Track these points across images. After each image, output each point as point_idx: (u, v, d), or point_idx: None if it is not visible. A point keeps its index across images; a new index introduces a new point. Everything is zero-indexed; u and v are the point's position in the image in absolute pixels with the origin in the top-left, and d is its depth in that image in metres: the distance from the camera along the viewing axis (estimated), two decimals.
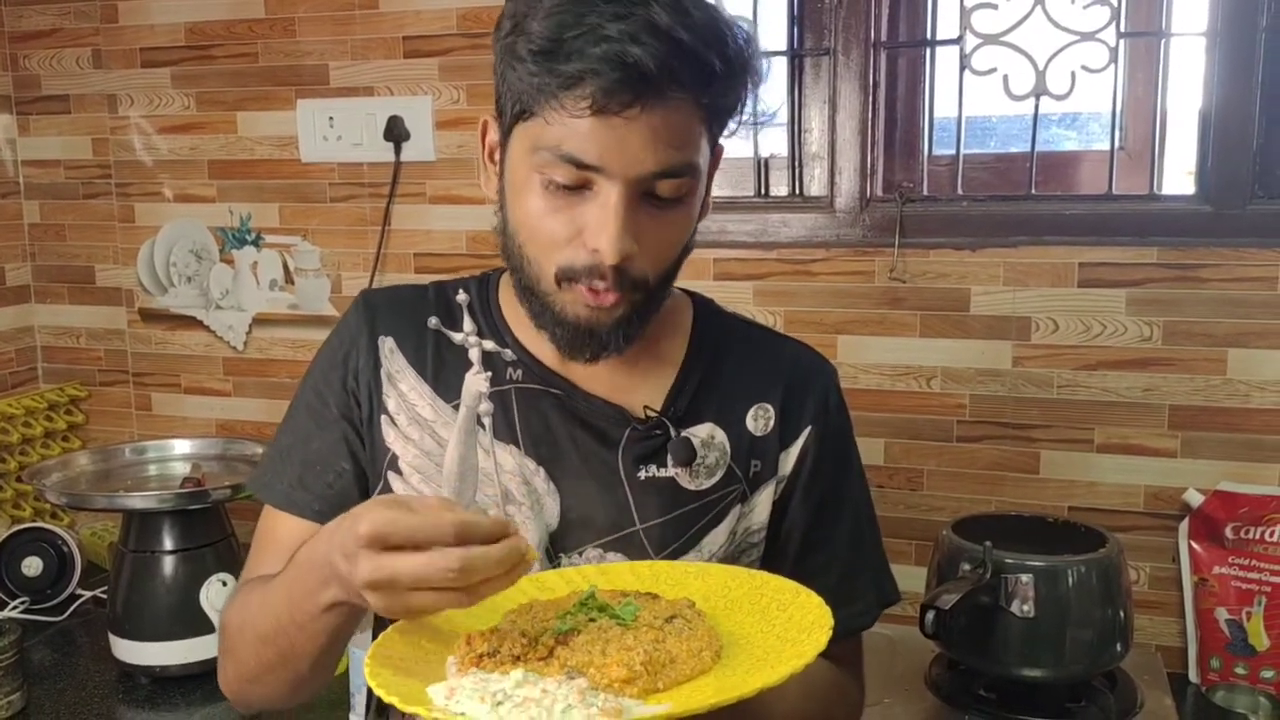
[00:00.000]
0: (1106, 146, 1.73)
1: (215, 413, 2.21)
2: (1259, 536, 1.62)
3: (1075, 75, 1.69)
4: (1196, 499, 1.66)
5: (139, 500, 1.71)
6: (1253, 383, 1.64)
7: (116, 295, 2.24)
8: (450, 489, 1.00)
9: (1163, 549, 1.71)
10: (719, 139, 0.97)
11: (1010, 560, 1.45)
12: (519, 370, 1.03)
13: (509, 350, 1.03)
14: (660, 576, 0.91)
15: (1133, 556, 1.66)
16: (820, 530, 1.06)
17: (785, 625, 0.80)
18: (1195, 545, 1.66)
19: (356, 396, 1.04)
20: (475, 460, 1.01)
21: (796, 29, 1.87)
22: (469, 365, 1.02)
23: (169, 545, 1.70)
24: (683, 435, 1.01)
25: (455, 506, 0.78)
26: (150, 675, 1.70)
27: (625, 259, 0.90)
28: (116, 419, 2.28)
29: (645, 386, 1.03)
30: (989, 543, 1.46)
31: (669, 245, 0.95)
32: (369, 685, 0.72)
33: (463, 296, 1.05)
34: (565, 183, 0.89)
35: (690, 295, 1.11)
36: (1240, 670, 1.63)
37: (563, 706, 0.67)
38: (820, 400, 1.07)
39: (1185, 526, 1.67)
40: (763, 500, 1.05)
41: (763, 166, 1.92)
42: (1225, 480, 1.66)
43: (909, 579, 1.22)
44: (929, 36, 1.83)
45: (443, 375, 1.03)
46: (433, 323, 1.03)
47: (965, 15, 1.73)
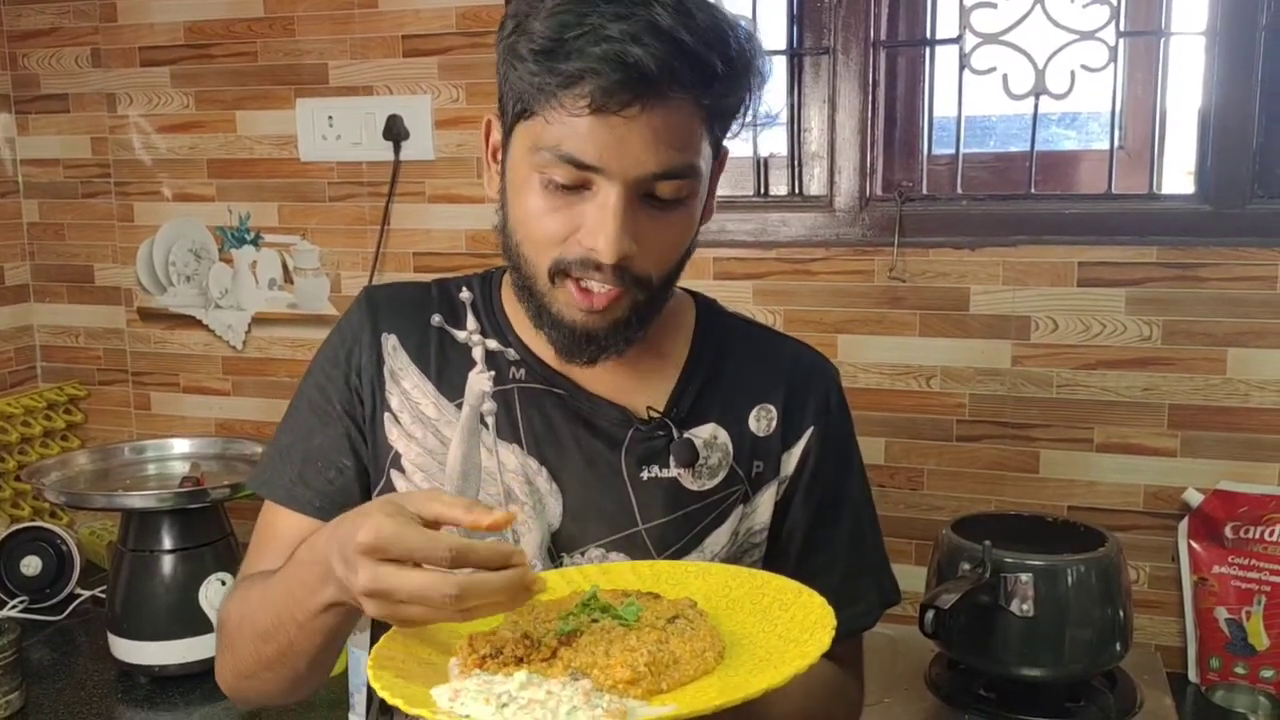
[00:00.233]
0: (1106, 146, 1.73)
1: (214, 412, 2.21)
2: (1258, 536, 1.62)
3: (1075, 74, 1.69)
4: (1196, 498, 1.66)
5: (138, 499, 1.71)
6: (1252, 382, 1.64)
7: (115, 294, 2.24)
8: (453, 488, 1.00)
9: (1162, 548, 1.71)
10: (722, 141, 0.97)
11: (1010, 560, 1.45)
12: (522, 369, 1.03)
13: (512, 349, 1.03)
14: (661, 576, 0.91)
15: (1132, 556, 1.66)
16: (822, 530, 1.06)
17: (788, 625, 0.80)
18: (1195, 545, 1.66)
19: (359, 393, 1.04)
20: (478, 459, 1.01)
21: (796, 28, 1.88)
22: (472, 364, 1.02)
23: (168, 544, 1.70)
24: (685, 436, 1.01)
25: (438, 496, 0.78)
26: (149, 675, 1.70)
27: (624, 259, 0.89)
28: (115, 418, 2.28)
29: (648, 387, 1.03)
30: (988, 542, 1.46)
31: (669, 247, 0.94)
32: (372, 687, 0.72)
33: (466, 294, 1.05)
34: (564, 182, 0.89)
35: (693, 295, 1.11)
36: (1240, 670, 1.63)
37: (568, 708, 0.67)
38: (822, 400, 1.07)
39: (1185, 526, 1.67)
40: (765, 501, 1.04)
41: (762, 166, 1.92)
42: (1225, 480, 1.66)
43: (909, 578, 1.22)
44: (928, 36, 1.83)
45: (446, 373, 1.03)
46: (436, 320, 1.03)
47: (965, 14, 1.73)
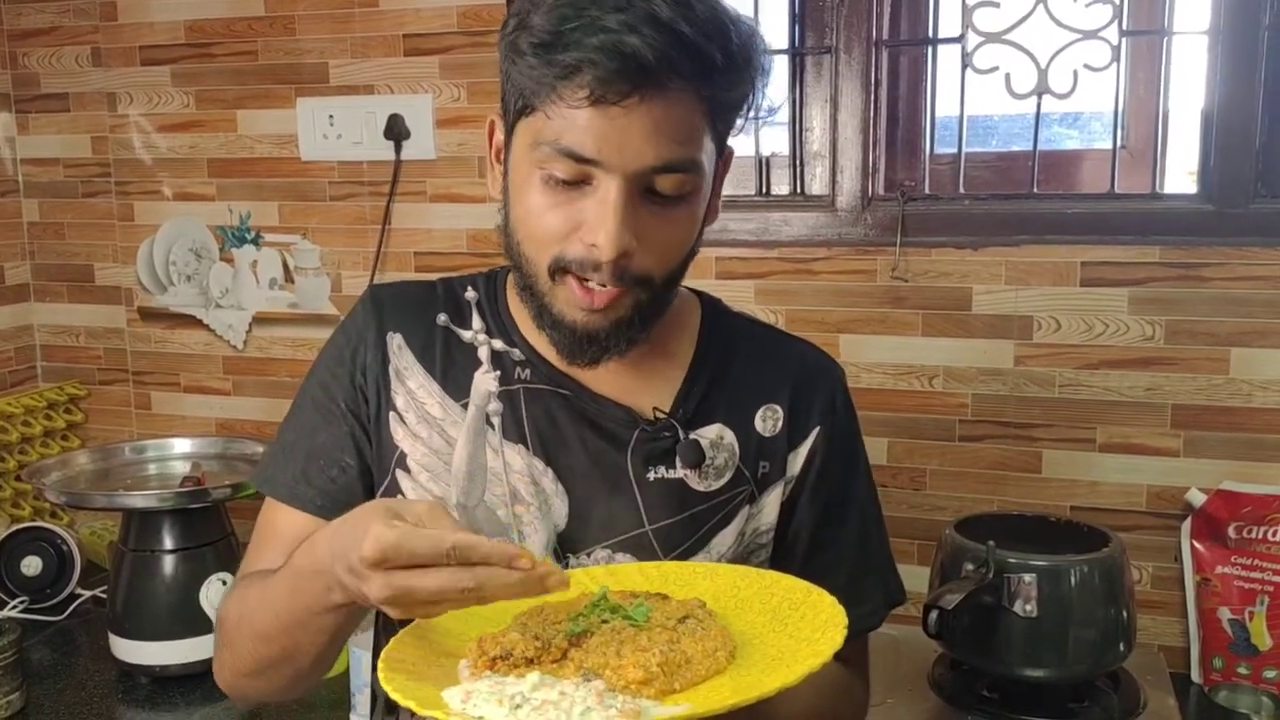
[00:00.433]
0: (1108, 145, 1.73)
1: (215, 412, 2.20)
2: (1261, 536, 1.62)
3: (1077, 74, 1.69)
4: (1199, 498, 1.66)
5: (139, 499, 1.70)
6: (1255, 382, 1.64)
7: (116, 294, 2.24)
8: (459, 488, 1.00)
9: (1165, 549, 1.71)
10: (725, 138, 0.96)
11: (1013, 560, 1.45)
12: (527, 370, 1.02)
13: (517, 350, 1.03)
14: (669, 577, 0.90)
15: (1135, 556, 1.66)
16: (828, 530, 1.06)
17: (798, 625, 0.79)
18: (1198, 545, 1.66)
19: (364, 392, 1.03)
20: (484, 460, 1.00)
21: (798, 27, 1.87)
22: (478, 363, 1.02)
23: (169, 544, 1.69)
24: (691, 437, 1.01)
25: (442, 513, 0.77)
26: (150, 675, 1.70)
27: (623, 255, 0.89)
28: (116, 418, 2.28)
29: (653, 387, 1.03)
30: (992, 542, 1.46)
31: (672, 244, 0.94)
32: (384, 689, 0.72)
33: (471, 294, 1.05)
34: (564, 177, 0.88)
35: (698, 295, 1.11)
36: (1243, 670, 1.62)
37: (581, 709, 0.67)
38: (828, 401, 1.07)
39: (1188, 526, 1.67)
40: (771, 501, 1.04)
41: (764, 165, 1.92)
42: (1228, 480, 1.65)
43: (912, 578, 1.22)
44: (931, 35, 1.82)
45: (451, 373, 1.02)
46: (442, 320, 1.03)
47: (967, 13, 1.72)
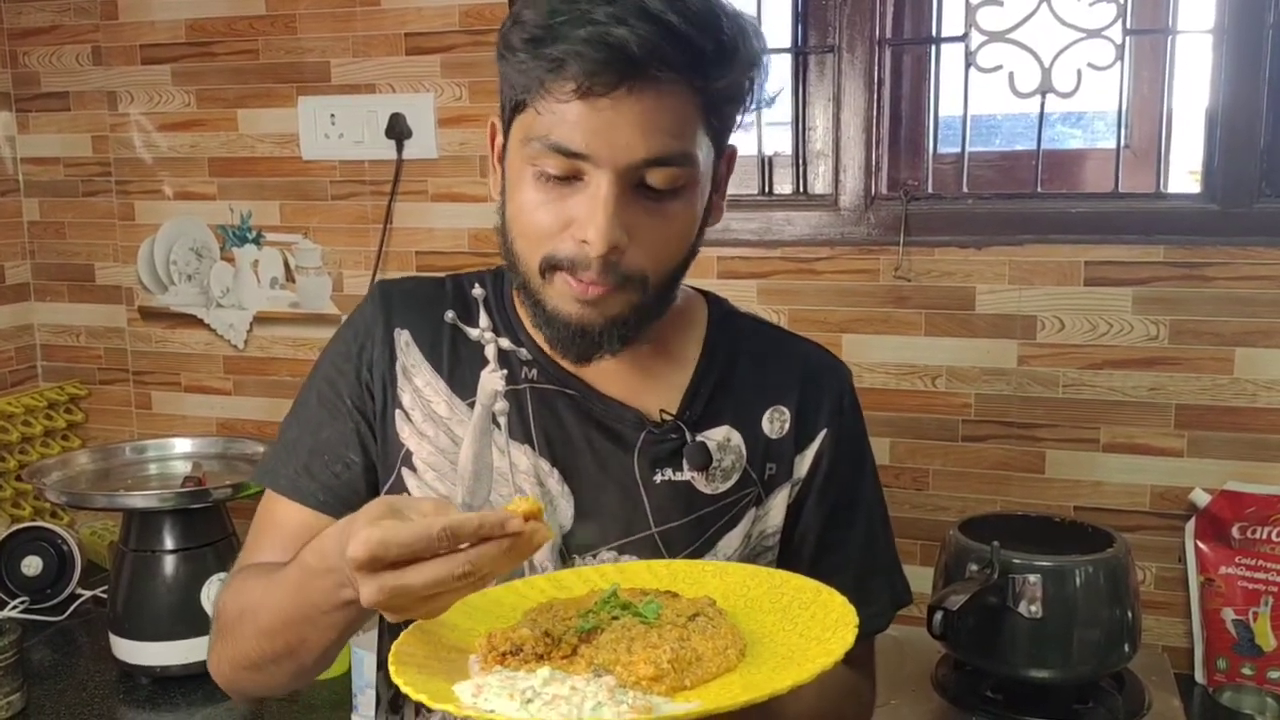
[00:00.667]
0: (1112, 145, 1.73)
1: (216, 411, 2.20)
2: (1266, 536, 1.62)
3: (1081, 73, 1.68)
4: (1203, 499, 1.65)
5: (139, 499, 1.70)
6: (1260, 382, 1.64)
7: (116, 293, 2.23)
8: (465, 488, 0.99)
9: (1169, 549, 1.70)
10: (724, 135, 0.95)
11: (1018, 560, 1.45)
12: (534, 369, 1.01)
13: (524, 349, 1.02)
14: (678, 575, 0.90)
15: (1139, 557, 1.66)
16: (835, 532, 1.06)
17: (808, 624, 0.79)
18: (1201, 545, 1.66)
19: (370, 389, 1.03)
20: (490, 459, 1.00)
21: (801, 26, 1.87)
22: (484, 362, 1.01)
23: (169, 544, 1.69)
24: (698, 440, 1.00)
25: (448, 508, 0.76)
26: (151, 675, 1.69)
27: (614, 250, 0.88)
28: (116, 418, 2.27)
29: (660, 388, 1.02)
30: (997, 543, 1.45)
31: (666, 241, 0.92)
32: (395, 683, 0.71)
33: (479, 291, 1.04)
34: (555, 173, 0.88)
35: (704, 295, 1.10)
36: (1247, 671, 1.62)
37: (592, 704, 0.66)
38: (835, 401, 1.06)
39: (1191, 526, 1.67)
40: (777, 503, 1.04)
41: (767, 164, 1.91)
42: (1232, 480, 1.65)
43: (915, 579, 1.21)
44: (934, 34, 1.82)
45: (458, 371, 1.02)
46: (449, 317, 1.02)
47: (971, 12, 1.72)
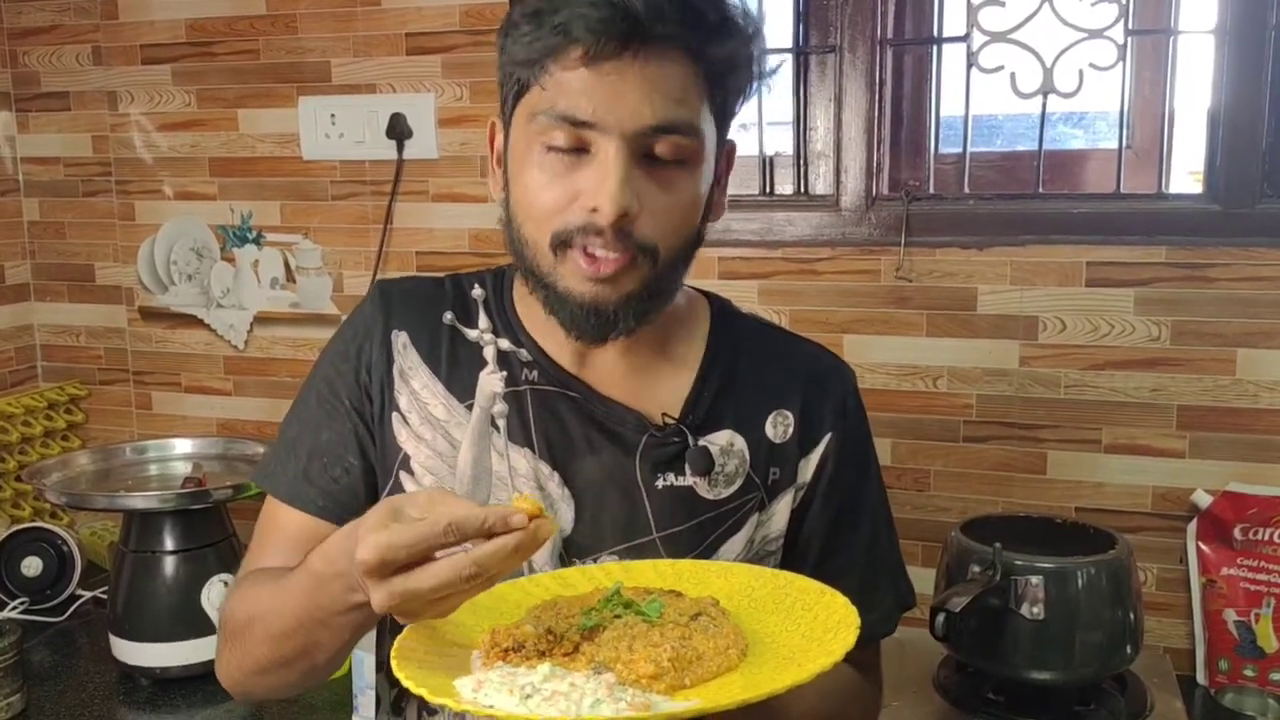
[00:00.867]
0: (1114, 145, 1.72)
1: (216, 412, 2.19)
2: (1268, 538, 1.61)
3: (1083, 73, 1.68)
4: (1205, 500, 1.65)
5: (139, 500, 1.70)
6: (1262, 383, 1.64)
7: (116, 293, 2.23)
8: (464, 492, 0.98)
9: (1170, 550, 1.70)
10: (726, 116, 0.94)
11: (1020, 562, 1.44)
12: (534, 371, 1.01)
13: (524, 350, 1.01)
14: (683, 575, 0.90)
15: (1140, 558, 1.65)
16: (840, 536, 1.05)
17: (811, 625, 0.79)
18: (1203, 546, 1.65)
19: (369, 391, 1.02)
20: (489, 463, 0.99)
21: (802, 26, 1.86)
22: (483, 363, 1.00)
23: (170, 545, 1.68)
24: (701, 444, 0.99)
25: (446, 496, 0.76)
26: (151, 676, 1.69)
27: (624, 217, 0.87)
28: (116, 418, 2.27)
29: (663, 390, 1.01)
30: (999, 544, 1.45)
31: (674, 211, 0.91)
32: (396, 679, 0.72)
33: (479, 291, 1.03)
34: (563, 145, 0.88)
35: (707, 296, 1.09)
36: (1249, 672, 1.62)
37: (591, 700, 0.66)
38: (839, 404, 1.05)
39: (1193, 528, 1.66)
40: (781, 508, 1.03)
41: (768, 164, 1.91)
42: (1234, 481, 1.65)
43: (917, 580, 1.21)
44: (936, 34, 1.82)
45: (456, 373, 1.01)
46: (448, 318, 1.02)
47: (972, 12, 1.72)
